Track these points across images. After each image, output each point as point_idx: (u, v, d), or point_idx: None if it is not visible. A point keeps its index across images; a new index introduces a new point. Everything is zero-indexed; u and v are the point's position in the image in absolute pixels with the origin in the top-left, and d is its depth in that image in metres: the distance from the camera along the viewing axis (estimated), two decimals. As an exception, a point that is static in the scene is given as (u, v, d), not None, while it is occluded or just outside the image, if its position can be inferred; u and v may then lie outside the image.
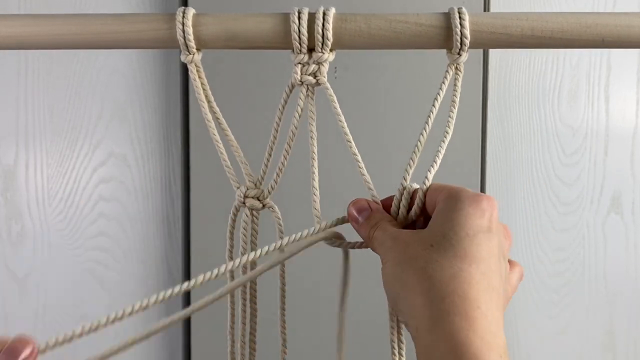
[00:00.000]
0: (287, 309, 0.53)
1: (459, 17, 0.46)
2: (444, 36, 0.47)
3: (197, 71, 0.50)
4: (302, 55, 0.47)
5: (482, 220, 0.41)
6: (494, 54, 1.07)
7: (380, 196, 0.49)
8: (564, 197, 1.11)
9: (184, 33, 0.47)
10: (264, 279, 0.49)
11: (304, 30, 0.46)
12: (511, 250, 0.45)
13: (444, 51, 0.48)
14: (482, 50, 1.01)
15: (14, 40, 0.48)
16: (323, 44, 0.47)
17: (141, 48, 0.49)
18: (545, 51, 1.08)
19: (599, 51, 1.09)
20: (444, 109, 0.49)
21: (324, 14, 0.46)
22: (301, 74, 0.48)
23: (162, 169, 1.10)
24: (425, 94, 0.69)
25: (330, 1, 0.50)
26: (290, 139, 0.49)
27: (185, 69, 0.93)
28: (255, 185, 0.51)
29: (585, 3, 1.07)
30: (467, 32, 0.46)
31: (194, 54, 0.48)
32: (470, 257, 0.40)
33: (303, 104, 0.49)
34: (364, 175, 0.48)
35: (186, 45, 0.47)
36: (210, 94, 0.51)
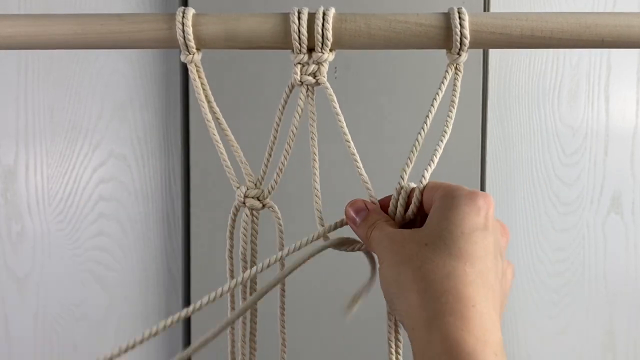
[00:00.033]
0: (287, 308, 0.53)
1: (459, 17, 0.46)
2: (444, 36, 0.47)
3: (197, 71, 0.50)
4: (302, 56, 0.47)
5: (478, 218, 0.41)
6: (494, 54, 1.07)
7: (380, 196, 0.49)
8: (564, 197, 1.11)
9: (183, 33, 0.47)
10: (264, 279, 0.49)
11: (304, 31, 0.46)
12: (511, 251, 0.45)
13: (444, 51, 0.48)
14: (482, 50, 1.00)
15: (14, 40, 0.48)
16: (323, 44, 0.47)
17: (141, 48, 0.49)
18: (545, 51, 1.08)
19: (599, 51, 1.09)
20: (444, 108, 0.49)
21: (323, 14, 0.46)
22: (301, 74, 0.48)
23: (162, 169, 1.10)
24: (425, 93, 0.69)
25: (330, 1, 0.50)
26: (290, 139, 0.49)
27: (185, 69, 0.93)
28: (255, 185, 0.51)
29: (585, 3, 1.07)
30: (467, 32, 0.46)
31: (193, 54, 0.48)
32: (465, 256, 0.40)
33: (303, 104, 0.49)
34: (362, 175, 0.48)
35: (186, 45, 0.47)
36: (210, 94, 0.51)
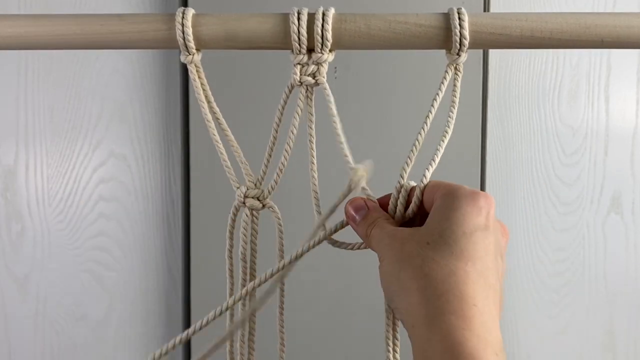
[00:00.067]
0: (285, 308, 0.53)
1: (459, 18, 0.46)
2: (444, 37, 0.47)
3: (197, 71, 0.50)
4: (302, 56, 0.47)
5: (479, 218, 0.41)
6: (494, 54, 1.07)
7: (379, 195, 0.49)
8: (564, 197, 1.11)
9: (183, 34, 0.47)
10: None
11: (304, 31, 0.46)
12: (511, 251, 0.45)
13: (443, 51, 0.48)
14: (482, 51, 1.00)
15: (14, 40, 0.48)
16: (322, 45, 0.47)
17: (141, 48, 0.49)
18: (545, 51, 1.08)
19: (598, 51, 1.09)
20: (444, 109, 0.49)
21: (323, 14, 0.46)
22: (300, 74, 0.48)
23: (162, 169, 1.10)
24: (425, 94, 0.69)
25: (330, 1, 0.50)
26: (290, 139, 0.50)
27: (185, 69, 0.93)
28: (255, 185, 0.51)
29: (585, 3, 1.07)
30: (467, 33, 0.46)
31: (193, 54, 0.48)
32: (466, 256, 0.40)
33: (302, 104, 0.49)
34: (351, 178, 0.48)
35: (186, 46, 0.47)
36: (210, 94, 0.51)
